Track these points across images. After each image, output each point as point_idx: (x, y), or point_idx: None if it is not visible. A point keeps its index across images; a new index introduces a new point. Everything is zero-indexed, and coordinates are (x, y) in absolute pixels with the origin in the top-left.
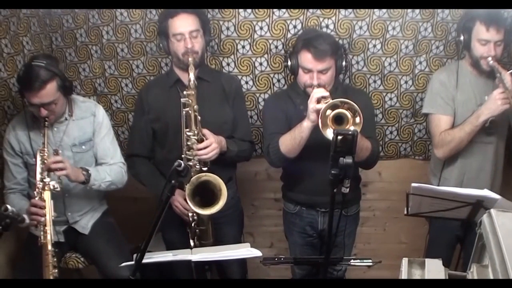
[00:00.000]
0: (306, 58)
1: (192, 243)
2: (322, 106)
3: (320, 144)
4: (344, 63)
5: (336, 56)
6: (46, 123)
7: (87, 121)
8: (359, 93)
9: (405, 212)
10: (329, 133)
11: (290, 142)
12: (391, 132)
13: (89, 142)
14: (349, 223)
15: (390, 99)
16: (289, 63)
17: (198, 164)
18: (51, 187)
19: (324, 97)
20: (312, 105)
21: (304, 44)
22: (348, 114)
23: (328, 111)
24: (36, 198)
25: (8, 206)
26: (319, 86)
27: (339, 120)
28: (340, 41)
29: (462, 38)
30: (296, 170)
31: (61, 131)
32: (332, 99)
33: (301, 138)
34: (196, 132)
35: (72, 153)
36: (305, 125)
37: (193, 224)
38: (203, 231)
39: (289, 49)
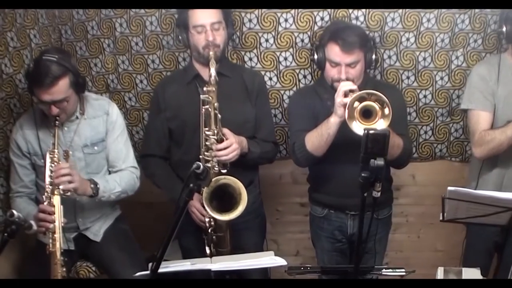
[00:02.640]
0: (334, 51)
1: (208, 251)
2: (349, 99)
3: (349, 142)
4: (374, 56)
5: (365, 49)
6: (56, 122)
7: (99, 120)
8: (390, 88)
9: (441, 218)
10: (355, 126)
11: (316, 139)
12: (425, 132)
13: (101, 142)
14: (380, 227)
15: (425, 96)
16: (315, 56)
17: (217, 165)
18: (61, 192)
19: (352, 91)
20: (339, 99)
21: (331, 36)
22: (376, 106)
23: (356, 103)
24: (45, 203)
25: (14, 212)
26: (347, 80)
27: (367, 113)
28: (371, 34)
29: (504, 29)
30: (324, 170)
31: (72, 130)
32: None
33: (328, 135)
34: (215, 131)
35: (83, 154)
36: (332, 121)
37: (210, 231)
38: (220, 238)
39: (315, 42)
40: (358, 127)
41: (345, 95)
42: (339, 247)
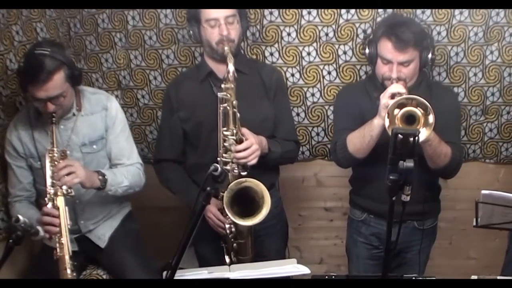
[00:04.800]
0: (386, 47)
1: (227, 259)
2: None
3: None
4: (430, 55)
5: (421, 47)
6: (53, 119)
7: (98, 116)
8: (446, 91)
9: (474, 224)
10: None
11: (358, 140)
12: None
13: (101, 140)
14: (424, 238)
15: (457, 94)
16: (367, 51)
17: (236, 168)
18: (64, 192)
19: (400, 94)
20: (384, 100)
21: (384, 31)
22: (419, 112)
23: (396, 110)
24: (48, 206)
25: (20, 217)
26: (398, 79)
27: (410, 119)
28: (433, 29)
29: None
30: (366, 173)
31: (68, 128)
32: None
33: (370, 137)
34: (234, 131)
35: (81, 154)
36: (376, 123)
37: (230, 238)
38: (241, 245)
39: (369, 35)
40: None
41: (392, 97)
42: (376, 254)
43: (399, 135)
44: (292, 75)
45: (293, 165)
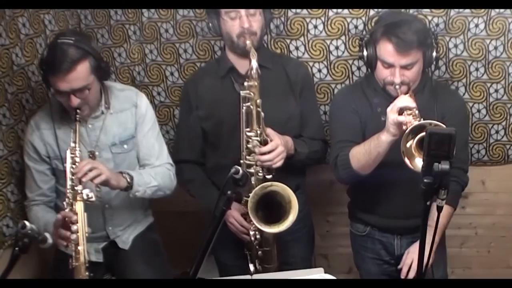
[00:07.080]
0: (387, 50)
1: (252, 268)
2: (404, 118)
3: (399, 157)
4: (434, 53)
5: (424, 47)
6: (77, 116)
7: (128, 113)
8: (452, 95)
9: None
10: (418, 164)
11: (363, 156)
12: (497, 132)
13: (131, 139)
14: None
15: (496, 90)
16: (365, 53)
17: (261, 171)
18: (84, 197)
19: (409, 108)
20: (393, 116)
21: (384, 32)
22: None
23: (411, 136)
24: (66, 210)
25: (27, 223)
26: (402, 83)
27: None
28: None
29: None
30: (370, 185)
31: (97, 128)
32: (418, 104)
33: (377, 154)
34: (258, 132)
35: (112, 154)
36: (384, 139)
37: (255, 245)
38: (266, 253)
39: (365, 36)
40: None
41: (401, 112)
42: (387, 269)
43: (433, 135)
44: (319, 70)
45: (321, 168)
